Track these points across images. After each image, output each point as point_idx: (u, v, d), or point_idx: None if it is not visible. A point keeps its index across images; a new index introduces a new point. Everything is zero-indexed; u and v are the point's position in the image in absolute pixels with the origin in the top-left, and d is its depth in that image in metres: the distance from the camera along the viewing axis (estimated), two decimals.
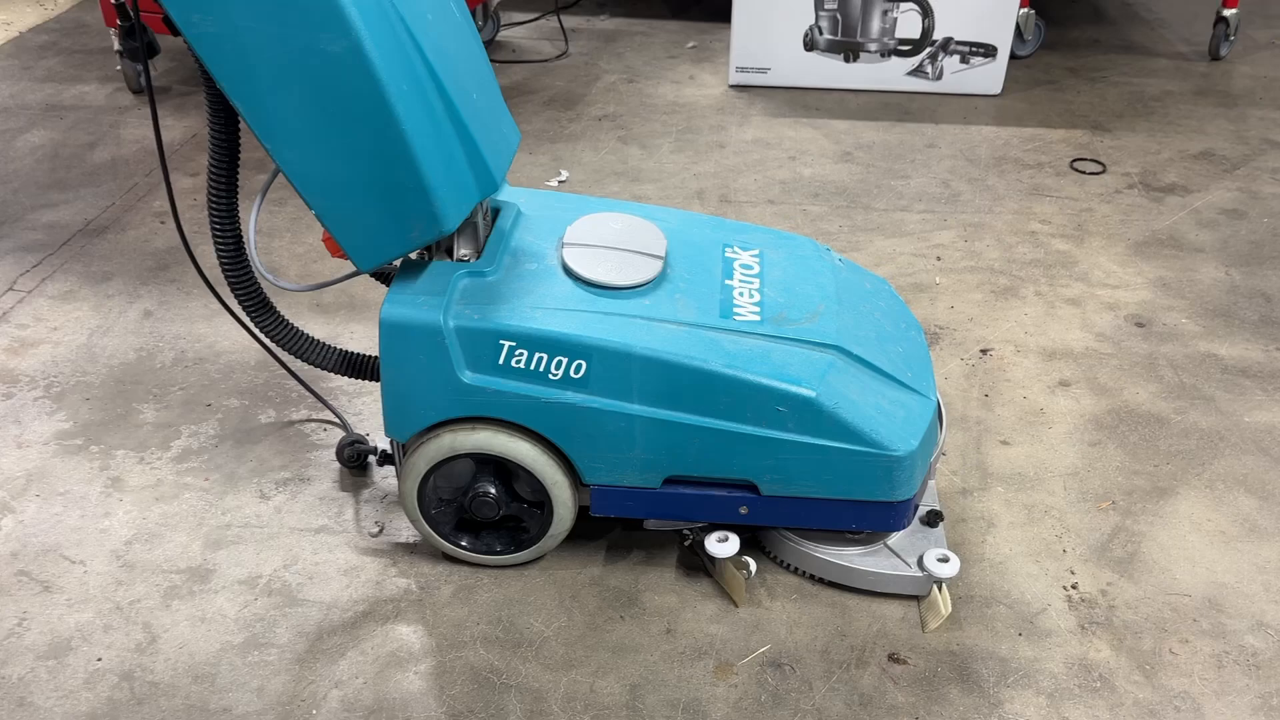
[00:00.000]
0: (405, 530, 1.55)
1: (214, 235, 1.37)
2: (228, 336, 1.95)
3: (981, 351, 1.92)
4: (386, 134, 1.21)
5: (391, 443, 1.48)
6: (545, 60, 3.12)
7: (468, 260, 1.41)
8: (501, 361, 1.33)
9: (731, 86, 2.97)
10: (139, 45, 1.34)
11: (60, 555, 1.50)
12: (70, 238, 2.25)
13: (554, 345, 1.32)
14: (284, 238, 2.26)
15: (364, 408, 1.79)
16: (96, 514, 1.57)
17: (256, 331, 1.47)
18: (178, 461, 1.67)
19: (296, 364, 1.61)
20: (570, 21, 3.37)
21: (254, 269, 1.41)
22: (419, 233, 1.29)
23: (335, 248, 1.34)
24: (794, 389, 1.30)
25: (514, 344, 1.32)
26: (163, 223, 2.31)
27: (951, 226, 2.30)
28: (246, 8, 1.14)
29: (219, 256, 1.39)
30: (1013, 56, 3.03)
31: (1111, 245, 2.23)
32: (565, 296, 1.38)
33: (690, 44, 3.25)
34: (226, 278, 1.40)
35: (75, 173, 2.51)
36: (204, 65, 1.21)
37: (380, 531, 1.55)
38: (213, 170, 1.33)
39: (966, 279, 2.13)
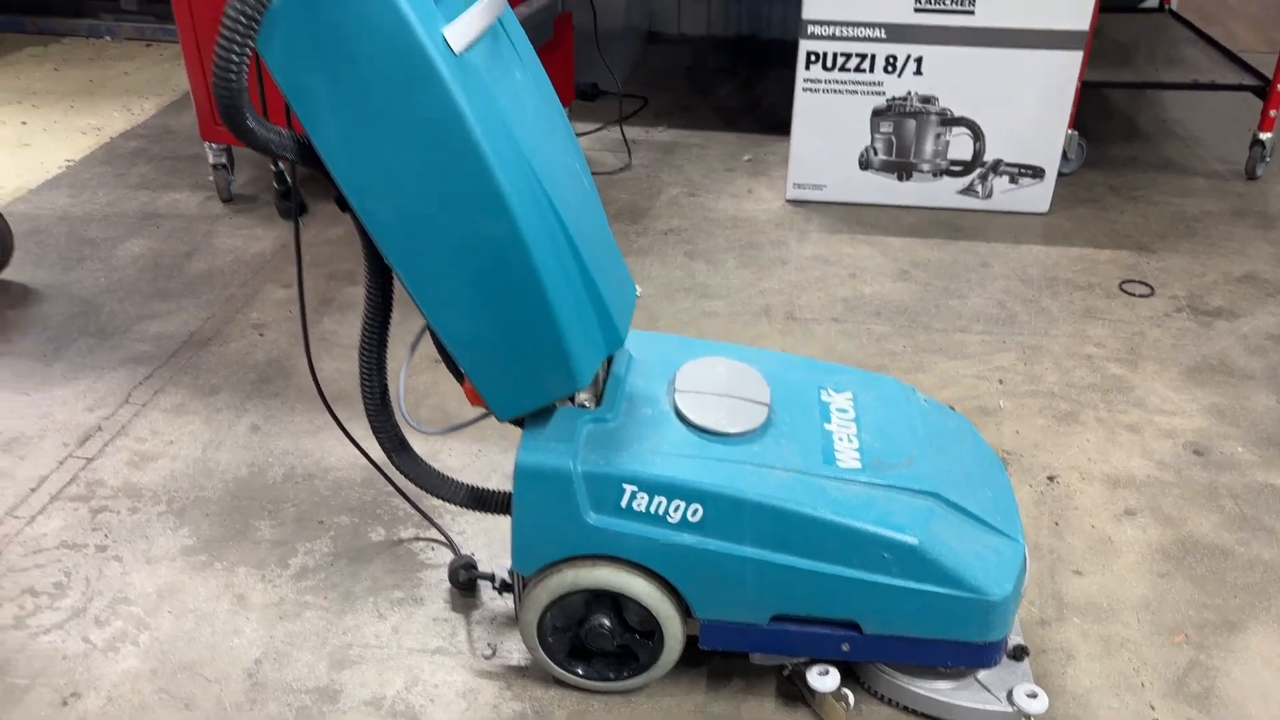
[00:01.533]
0: (517, 652, 1.64)
1: (362, 381, 1.49)
2: (333, 452, 2.07)
3: (1049, 479, 2.02)
4: (533, 304, 1.34)
5: (510, 573, 1.58)
6: (610, 173, 3.28)
7: (588, 405, 1.52)
8: (624, 504, 1.43)
9: (789, 201, 3.11)
10: (293, 205, 1.47)
11: (197, 673, 1.60)
12: (177, 349, 2.39)
13: (672, 490, 1.43)
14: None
15: (466, 526, 1.89)
16: (226, 631, 1.67)
17: (363, 448, 1.58)
18: (297, 579, 1.78)
19: (400, 480, 1.71)
20: (630, 132, 3.53)
21: (398, 415, 1.53)
22: (555, 389, 1.42)
23: (476, 398, 1.46)
24: (898, 536, 1.40)
25: (636, 488, 1.43)
26: (261, 335, 2.44)
27: (1010, 348, 2.42)
28: (419, 197, 1.28)
29: (365, 402, 1.51)
30: (1057, 174, 3.18)
31: (1165, 370, 2.34)
32: (680, 442, 1.49)
33: (746, 157, 3.40)
34: (370, 421, 1.52)
35: (175, 282, 2.65)
36: (370, 237, 1.34)
37: (493, 654, 1.64)
38: (367, 323, 1.46)
39: (1029, 403, 2.24)
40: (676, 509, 1.43)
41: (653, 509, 1.43)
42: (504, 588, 1.65)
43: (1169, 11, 3.88)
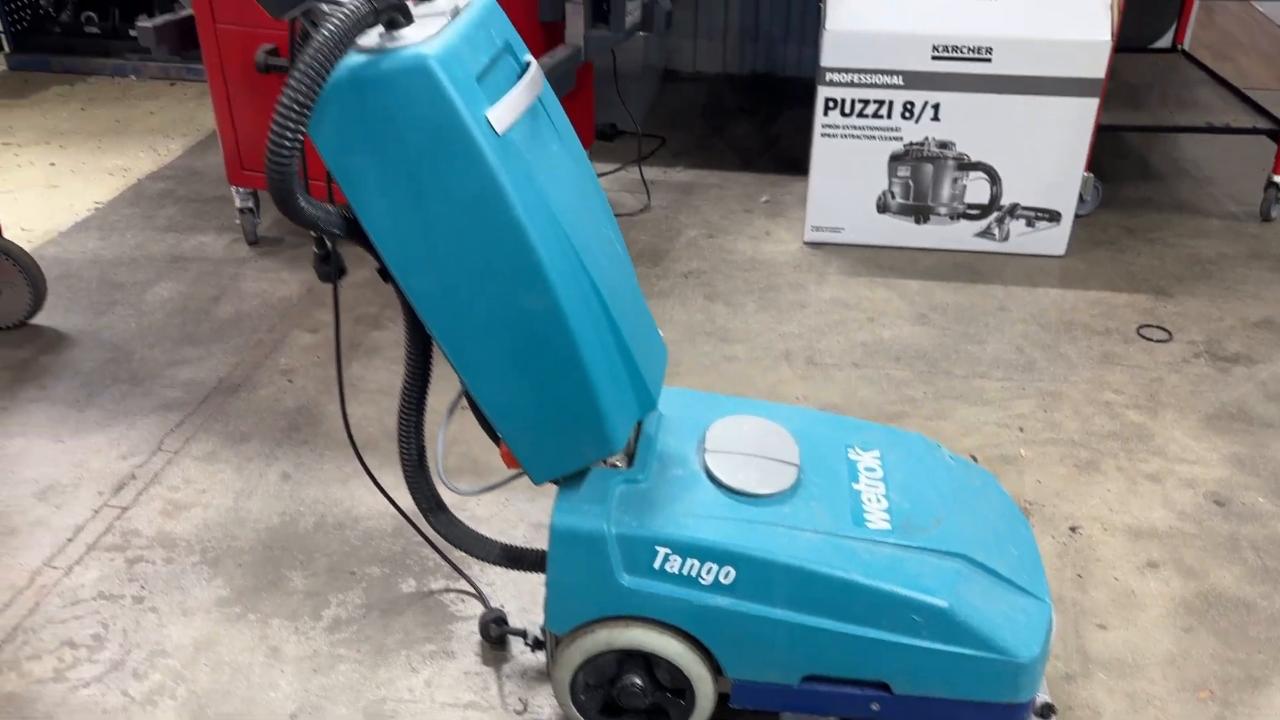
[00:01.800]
0: (548, 707, 1.67)
1: (400, 442, 1.53)
2: (363, 502, 2.10)
3: (1070, 529, 2.04)
4: (571, 373, 1.37)
5: (543, 630, 1.61)
6: (630, 214, 3.32)
7: (620, 466, 1.55)
8: (657, 566, 1.46)
9: (807, 243, 3.14)
10: (332, 270, 1.51)
11: None
12: (207, 395, 2.42)
13: (705, 553, 1.45)
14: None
15: (495, 578, 1.92)
16: (262, 685, 1.70)
17: (392, 498, 1.61)
18: (330, 631, 1.81)
19: (429, 530, 1.72)
20: (649, 172, 3.58)
21: (435, 476, 1.56)
22: (591, 454, 1.45)
23: (512, 460, 1.49)
24: (928, 599, 1.43)
25: (669, 550, 1.46)
26: (290, 381, 2.48)
27: (1030, 395, 2.44)
28: (461, 272, 1.31)
29: (403, 462, 1.54)
30: (1074, 216, 3.21)
31: (1184, 418, 2.36)
32: (712, 504, 1.52)
33: (764, 198, 3.44)
34: (407, 481, 1.56)
35: (204, 327, 2.70)
36: (412, 307, 1.38)
37: (524, 709, 1.67)
38: (406, 387, 1.50)
39: (1049, 451, 2.26)
40: (709, 571, 1.46)
41: (685, 571, 1.46)
42: (536, 645, 1.68)
43: (1181, 51, 3.92)
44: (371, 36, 1.23)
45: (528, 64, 1.40)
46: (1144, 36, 3.97)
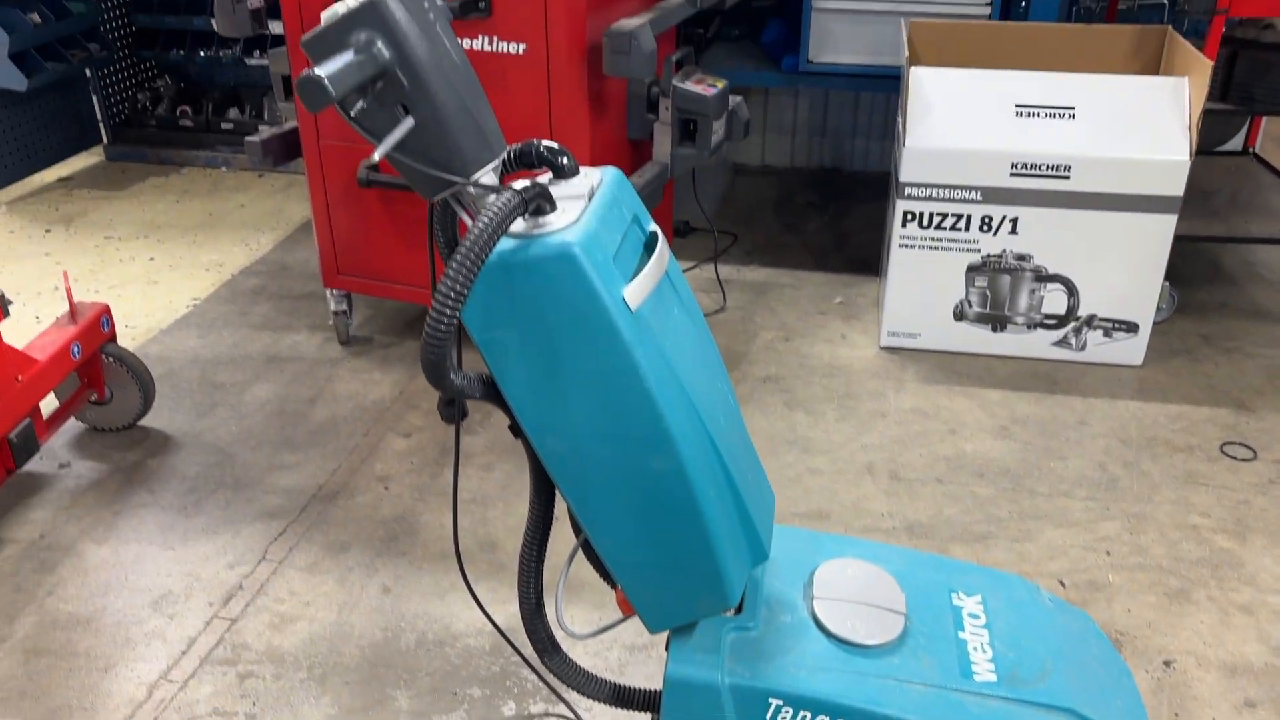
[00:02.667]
0: None
1: (520, 586, 1.59)
2: (460, 617, 2.16)
3: (1165, 664, 2.04)
4: (692, 532, 1.43)
5: None
6: (706, 314, 3.39)
7: (729, 612, 1.60)
8: (769, 717, 1.50)
9: (883, 348, 3.19)
10: (455, 412, 1.58)
11: None
12: (307, 503, 2.51)
13: (818, 706, 1.49)
14: (497, 507, 2.49)
15: (593, 704, 1.96)
16: None
17: (490, 614, 1.67)
18: None
19: (528, 649, 1.76)
20: (722, 270, 3.65)
21: (552, 619, 1.62)
22: (707, 608, 1.50)
23: (628, 607, 1.54)
24: None
25: (781, 703, 1.49)
26: (386, 488, 2.56)
27: (1115, 516, 2.45)
28: (592, 436, 1.38)
29: (521, 605, 1.60)
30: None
31: (1275, 544, 2.35)
32: (822, 654, 1.55)
33: (838, 299, 3.50)
34: (525, 624, 1.61)
35: (301, 431, 2.79)
36: (540, 461, 1.44)
37: None
38: (528, 534, 1.56)
39: (1138, 578, 2.26)
40: None
41: None
42: None
43: (1253, 154, 3.94)
44: (519, 222, 1.31)
45: (654, 234, 1.48)
46: (1215, 139, 4.00)
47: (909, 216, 3.01)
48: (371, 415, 2.86)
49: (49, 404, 2.59)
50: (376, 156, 1.28)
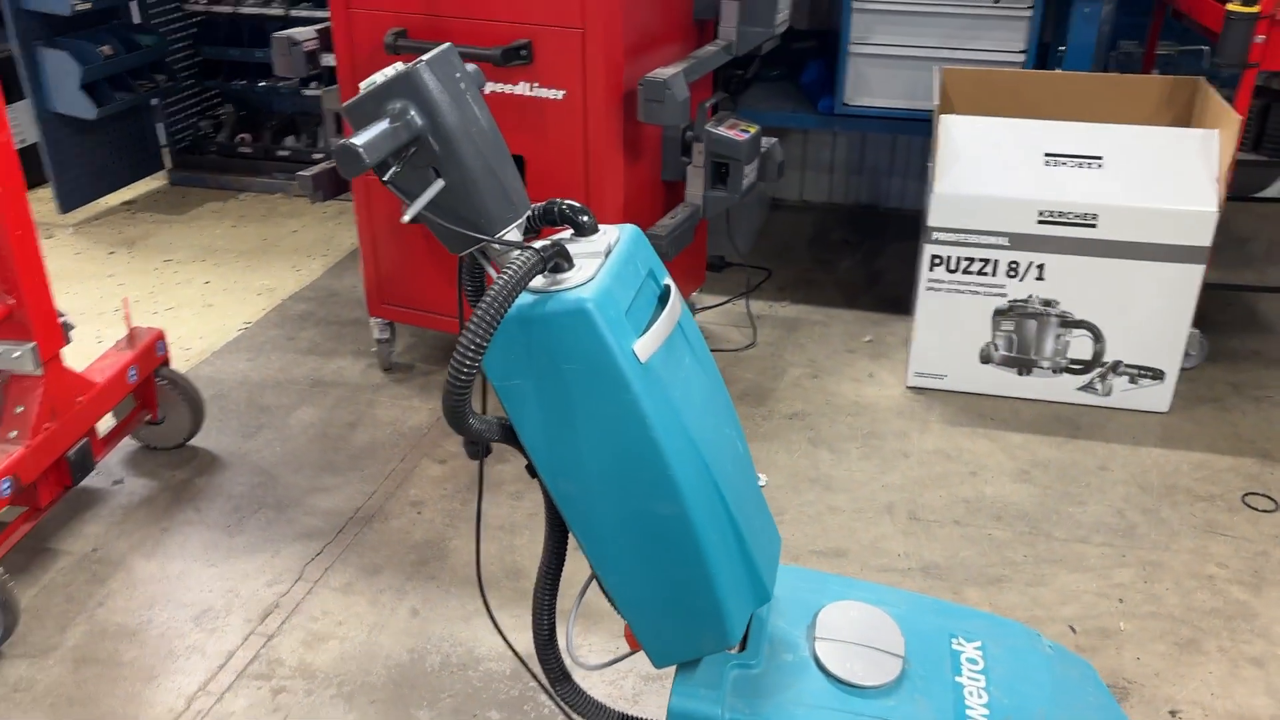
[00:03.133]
0: None
1: (534, 618, 1.67)
2: (483, 642, 2.25)
3: (1171, 714, 2.07)
4: (695, 573, 1.50)
5: None
6: (736, 350, 3.47)
7: (733, 650, 1.67)
8: None
9: (910, 388, 3.24)
10: (479, 449, 1.66)
11: None
12: (344, 525, 2.63)
13: None
14: (524, 535, 2.58)
15: None
16: None
17: (510, 640, 1.76)
18: None
19: (543, 676, 1.84)
20: (755, 306, 3.73)
21: (564, 650, 1.70)
22: (709, 646, 1.58)
23: (635, 643, 1.62)
24: None
25: None
26: (419, 513, 2.67)
27: (1130, 564, 2.48)
28: (601, 479, 1.47)
29: (535, 637, 1.68)
30: (1179, 372, 3.25)
31: None
32: (820, 693, 1.62)
33: (867, 338, 3.56)
34: (538, 654, 1.70)
35: (342, 455, 2.91)
36: (554, 502, 1.53)
37: None
38: (543, 569, 1.65)
39: (1149, 626, 2.29)
40: None
41: None
42: None
43: None
44: (538, 279, 1.41)
45: (667, 288, 1.56)
46: (1252, 185, 4.00)
47: (937, 260, 3.06)
48: (409, 441, 2.97)
49: (106, 423, 2.73)
50: (406, 217, 1.39)
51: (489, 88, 2.78)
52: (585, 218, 1.51)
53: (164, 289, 3.92)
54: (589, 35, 2.62)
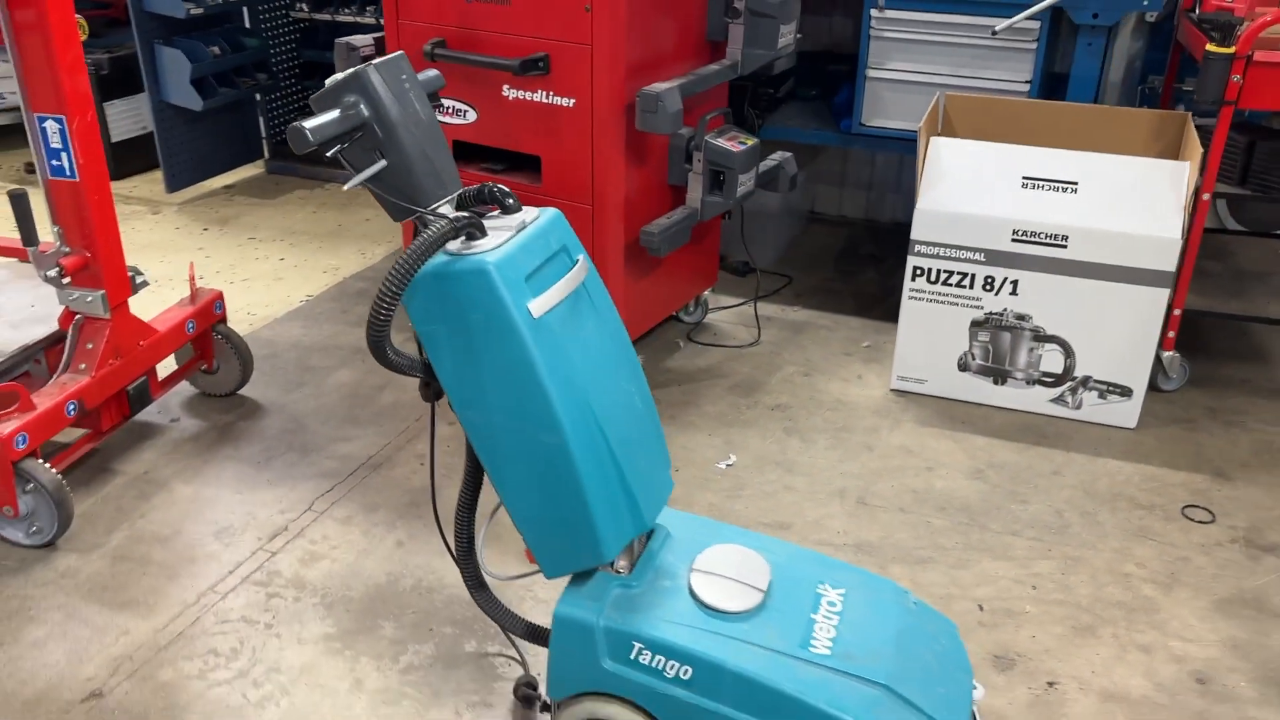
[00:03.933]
0: None
1: (455, 534, 2.00)
2: (452, 572, 2.58)
3: (1048, 684, 2.26)
4: (573, 496, 1.80)
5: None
6: (739, 346, 3.74)
7: (623, 573, 1.96)
8: (632, 657, 1.85)
9: (893, 390, 3.46)
10: (431, 393, 1.99)
11: None
12: (355, 469, 3.00)
13: (670, 652, 1.83)
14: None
15: (541, 651, 2.34)
16: (342, 707, 2.19)
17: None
18: (403, 673, 2.28)
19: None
20: (767, 310, 3.99)
21: (478, 563, 2.02)
22: (586, 560, 1.87)
23: (531, 558, 1.93)
24: (843, 716, 1.75)
25: (642, 645, 1.84)
26: (422, 464, 3.03)
27: (1054, 557, 2.66)
28: (500, 413, 1.79)
29: (455, 548, 2.01)
30: (1158, 389, 3.38)
31: (1196, 598, 2.52)
32: (685, 613, 1.89)
33: (865, 343, 3.78)
34: (458, 564, 2.02)
35: (367, 411, 3.30)
36: (466, 433, 1.86)
37: None
38: (462, 493, 1.98)
39: (1053, 611, 2.48)
40: (672, 667, 1.83)
41: (654, 664, 1.84)
42: (544, 707, 2.09)
43: None
44: (456, 243, 1.73)
45: (578, 262, 1.87)
46: (1274, 221, 4.06)
47: (919, 271, 3.28)
48: (426, 405, 3.34)
49: (168, 368, 3.18)
50: (346, 186, 1.74)
51: (512, 93, 3.14)
52: (510, 200, 1.84)
53: (244, 263, 4.41)
54: (596, 51, 2.95)
